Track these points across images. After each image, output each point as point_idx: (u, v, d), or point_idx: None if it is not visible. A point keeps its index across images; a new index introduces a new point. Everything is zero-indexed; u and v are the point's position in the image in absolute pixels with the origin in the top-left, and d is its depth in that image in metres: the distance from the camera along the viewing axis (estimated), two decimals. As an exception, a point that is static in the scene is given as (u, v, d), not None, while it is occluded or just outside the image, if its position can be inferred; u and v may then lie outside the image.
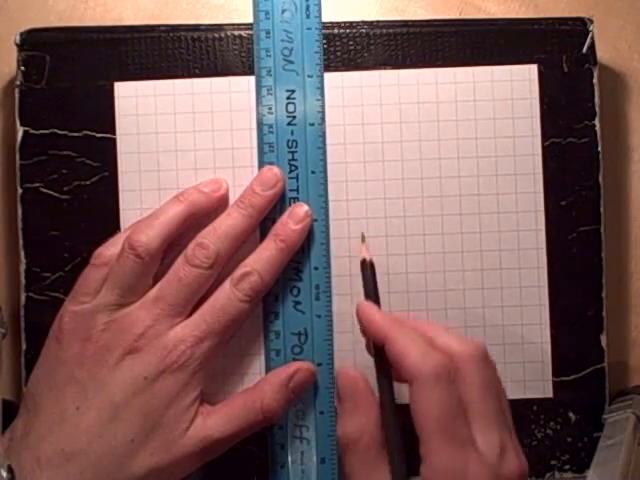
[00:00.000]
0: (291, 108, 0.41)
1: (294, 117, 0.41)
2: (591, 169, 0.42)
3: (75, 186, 0.42)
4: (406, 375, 0.34)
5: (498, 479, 0.33)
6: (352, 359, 0.42)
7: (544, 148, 0.42)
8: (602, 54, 0.43)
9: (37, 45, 0.42)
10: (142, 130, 0.42)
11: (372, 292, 0.38)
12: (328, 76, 0.42)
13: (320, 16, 0.41)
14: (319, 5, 0.41)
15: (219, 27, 0.42)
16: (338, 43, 0.42)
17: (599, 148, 0.42)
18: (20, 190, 0.42)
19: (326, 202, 0.41)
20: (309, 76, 0.41)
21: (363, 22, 0.42)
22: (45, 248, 0.42)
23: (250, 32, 0.42)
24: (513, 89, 0.42)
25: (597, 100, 0.42)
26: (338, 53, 0.42)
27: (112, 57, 0.42)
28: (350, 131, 0.42)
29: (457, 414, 0.33)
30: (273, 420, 0.39)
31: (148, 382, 0.37)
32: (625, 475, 0.35)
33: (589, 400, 0.42)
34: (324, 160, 0.41)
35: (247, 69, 0.42)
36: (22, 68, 0.42)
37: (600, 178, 0.42)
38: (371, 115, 0.42)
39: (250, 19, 0.42)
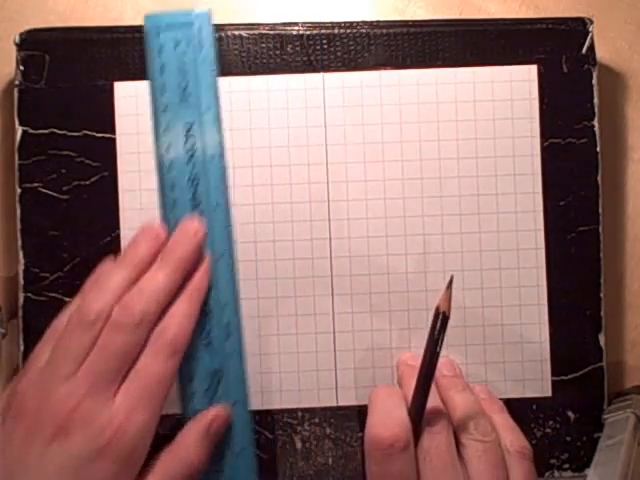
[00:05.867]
0: (190, 143, 0.39)
1: (194, 152, 0.39)
2: (590, 169, 0.42)
3: (74, 186, 0.42)
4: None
5: None
6: (352, 358, 0.42)
7: (543, 148, 0.42)
8: (602, 54, 0.43)
9: (37, 45, 0.41)
10: (142, 130, 0.42)
11: (434, 345, 0.36)
12: (328, 76, 0.42)
13: (214, 48, 0.39)
14: (212, 37, 0.39)
15: (219, 27, 0.42)
16: (338, 43, 0.42)
17: (598, 148, 0.42)
18: (19, 190, 0.42)
19: (231, 235, 0.39)
20: (206, 109, 0.39)
21: (363, 22, 0.42)
22: (44, 248, 0.42)
23: (250, 32, 0.42)
24: (513, 89, 0.42)
25: (596, 100, 0.42)
26: (338, 53, 0.42)
27: (112, 57, 0.42)
28: (350, 131, 0.42)
29: None
30: (201, 469, 0.37)
31: (77, 469, 0.34)
32: (625, 475, 0.35)
33: (588, 399, 0.42)
34: (227, 194, 0.39)
35: (247, 69, 0.42)
36: (21, 68, 0.41)
37: (599, 178, 0.42)
38: (371, 115, 0.42)
39: (250, 19, 0.42)
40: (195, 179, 0.38)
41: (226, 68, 0.42)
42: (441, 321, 0.36)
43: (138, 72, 0.42)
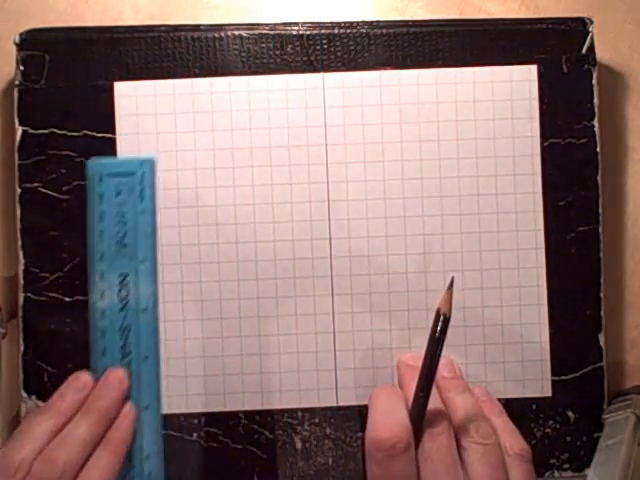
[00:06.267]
0: (124, 293, 0.39)
1: (127, 302, 0.39)
2: (590, 169, 0.42)
3: (74, 186, 0.42)
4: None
5: None
6: (352, 358, 0.42)
7: (543, 148, 0.42)
8: (602, 54, 0.43)
9: (37, 45, 0.41)
10: (142, 130, 0.42)
11: (435, 346, 0.36)
12: (328, 76, 0.42)
13: (154, 199, 0.39)
14: (153, 188, 0.39)
15: (219, 27, 0.42)
16: (338, 43, 0.42)
17: (598, 148, 0.42)
18: (19, 190, 0.42)
19: (158, 386, 0.38)
20: (142, 260, 0.39)
21: (363, 22, 0.42)
22: (44, 248, 0.42)
23: (250, 32, 0.42)
24: (513, 89, 0.42)
25: (596, 100, 0.42)
26: (338, 53, 0.42)
27: (112, 57, 0.42)
28: (350, 131, 0.42)
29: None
30: None
31: None
32: (625, 475, 0.35)
33: (588, 399, 0.42)
34: (158, 346, 0.39)
35: (247, 69, 0.42)
36: (21, 68, 0.41)
37: (599, 178, 0.42)
38: (371, 115, 0.42)
39: (250, 19, 0.42)
40: (126, 329, 0.38)
41: (226, 68, 0.42)
42: (442, 323, 0.36)
43: (138, 72, 0.42)
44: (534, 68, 0.42)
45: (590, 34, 0.42)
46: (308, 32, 0.42)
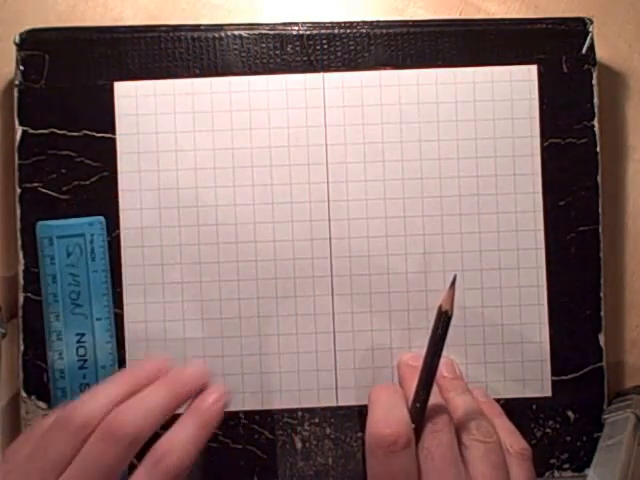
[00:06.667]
0: (82, 352, 0.40)
1: (85, 361, 0.40)
2: (590, 169, 0.42)
3: (74, 186, 0.42)
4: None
5: None
6: (352, 358, 0.42)
7: (543, 148, 0.42)
8: (602, 54, 0.43)
9: (36, 45, 0.41)
10: (142, 130, 0.42)
11: (437, 343, 0.36)
12: (328, 76, 0.42)
13: (106, 258, 0.40)
14: (104, 248, 0.40)
15: (219, 27, 0.42)
16: (338, 43, 0.42)
17: (598, 148, 0.42)
18: (19, 190, 0.42)
19: None
20: (98, 319, 0.40)
21: (363, 22, 0.42)
22: (44, 248, 0.42)
23: (250, 32, 0.42)
24: (513, 89, 0.42)
25: (596, 100, 0.42)
26: (338, 53, 0.42)
27: (112, 57, 0.42)
28: (350, 131, 0.42)
29: None
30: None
31: None
32: (625, 475, 0.35)
33: (588, 399, 0.42)
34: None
35: (247, 69, 0.42)
36: (21, 68, 0.41)
37: (599, 178, 0.42)
38: (371, 115, 0.42)
39: (250, 19, 0.42)
40: (87, 387, 0.39)
41: (226, 68, 0.42)
42: (443, 321, 0.36)
43: (138, 72, 0.42)
44: (534, 68, 0.42)
45: (590, 34, 0.42)
46: (308, 32, 0.42)
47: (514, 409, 0.41)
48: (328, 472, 0.42)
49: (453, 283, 0.36)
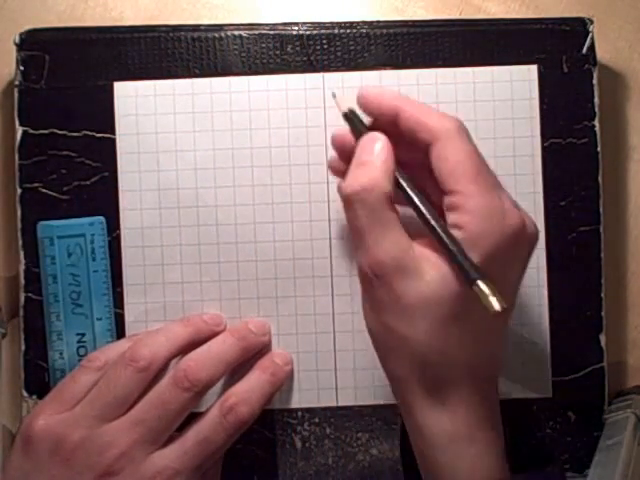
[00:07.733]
0: (82, 351, 0.40)
1: None
2: (591, 169, 0.42)
3: (75, 186, 0.42)
4: (429, 136, 0.34)
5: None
6: (352, 358, 0.42)
7: (544, 148, 0.42)
8: (602, 54, 0.43)
9: (37, 45, 0.42)
10: (142, 130, 0.42)
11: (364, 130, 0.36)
12: (328, 76, 0.42)
13: (107, 258, 0.40)
14: (105, 248, 0.41)
15: (219, 27, 0.42)
16: (338, 43, 0.42)
17: (598, 148, 0.42)
18: (19, 190, 0.42)
19: None
20: (98, 319, 0.40)
21: (363, 22, 0.42)
22: (44, 248, 0.42)
23: (250, 32, 0.42)
24: (513, 89, 0.42)
25: (597, 100, 0.42)
26: (338, 53, 0.42)
27: (112, 57, 0.42)
28: (350, 131, 0.42)
29: (484, 162, 0.34)
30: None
31: None
32: (625, 475, 0.35)
33: (588, 400, 0.42)
34: None
35: (247, 69, 0.42)
36: (21, 68, 0.42)
37: (599, 178, 0.42)
38: (371, 115, 0.42)
39: (250, 19, 0.42)
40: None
41: (226, 68, 0.42)
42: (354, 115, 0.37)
43: (138, 72, 0.42)
44: (534, 68, 0.42)
45: (590, 34, 0.42)
46: (308, 32, 0.42)
47: (514, 409, 0.41)
48: (328, 472, 0.42)
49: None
